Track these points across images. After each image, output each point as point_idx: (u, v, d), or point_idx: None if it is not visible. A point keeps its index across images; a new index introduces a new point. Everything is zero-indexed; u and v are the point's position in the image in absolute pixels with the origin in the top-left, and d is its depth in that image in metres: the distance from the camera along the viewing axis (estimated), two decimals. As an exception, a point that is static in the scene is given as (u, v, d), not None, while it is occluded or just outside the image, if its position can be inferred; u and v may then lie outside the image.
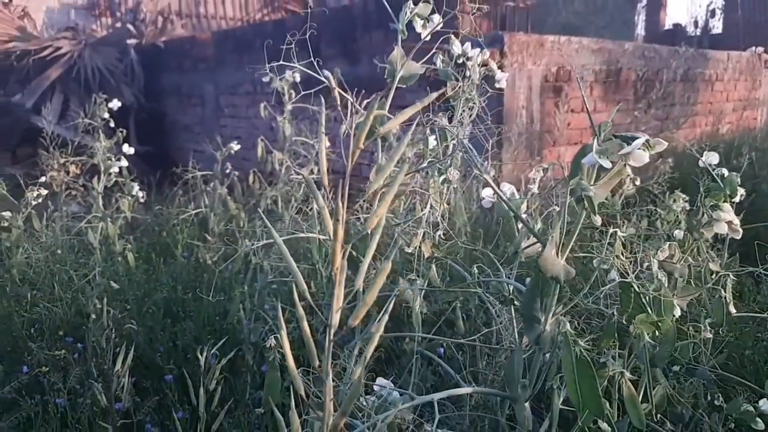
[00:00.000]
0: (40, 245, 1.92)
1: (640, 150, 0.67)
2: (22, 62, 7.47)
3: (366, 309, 0.57)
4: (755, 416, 0.86)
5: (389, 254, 0.61)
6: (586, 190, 0.69)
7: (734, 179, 1.04)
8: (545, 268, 0.69)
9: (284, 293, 1.51)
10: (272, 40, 4.87)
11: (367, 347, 0.59)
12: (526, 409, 0.74)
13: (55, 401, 1.31)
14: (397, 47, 0.89)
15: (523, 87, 4.14)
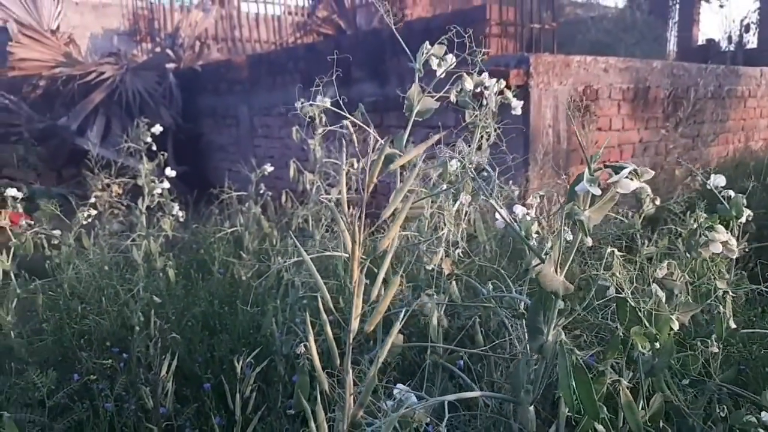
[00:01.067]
0: (88, 262, 2.06)
1: (626, 179, 0.74)
2: (67, 87, 7.85)
3: (380, 316, 0.65)
4: (757, 427, 0.91)
5: (400, 270, 0.70)
6: (578, 215, 0.76)
7: (740, 201, 1.09)
8: (545, 283, 0.77)
9: (314, 307, 1.60)
10: (304, 63, 5.17)
11: (381, 350, 0.67)
12: (530, 412, 0.81)
13: (103, 406, 1.42)
14: (415, 84, 0.97)
15: (549, 106, 4.19)
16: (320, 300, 0.67)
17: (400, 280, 0.78)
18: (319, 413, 0.68)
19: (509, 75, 3.94)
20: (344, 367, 0.66)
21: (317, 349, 0.78)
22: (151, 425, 1.30)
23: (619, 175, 0.72)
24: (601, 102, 4.62)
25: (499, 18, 4.34)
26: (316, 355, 0.67)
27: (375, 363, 0.68)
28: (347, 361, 0.66)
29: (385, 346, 0.68)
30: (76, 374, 1.56)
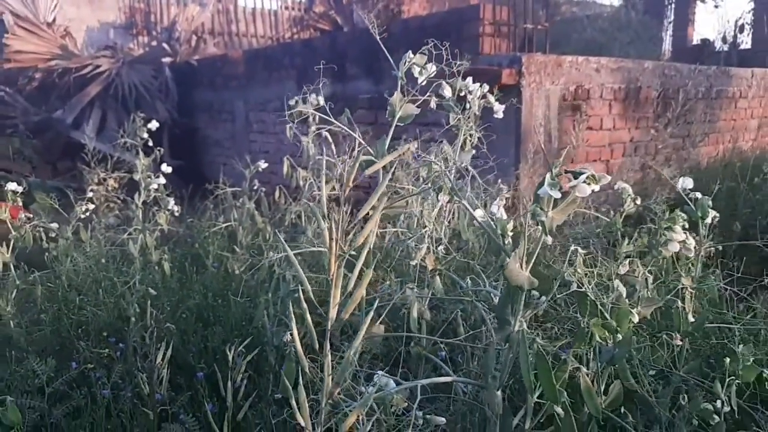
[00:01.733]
0: (85, 254, 2.12)
1: (583, 184, 0.80)
2: (63, 79, 7.86)
3: (354, 305, 0.72)
4: (712, 413, 0.97)
5: (377, 264, 0.76)
6: (540, 216, 0.83)
7: (705, 203, 1.16)
8: (510, 278, 0.83)
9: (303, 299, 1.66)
10: (300, 59, 5.23)
11: (357, 336, 0.73)
12: (497, 396, 0.87)
13: (101, 393, 1.47)
14: (397, 92, 1.03)
15: (541, 106, 4.26)
16: (300, 291, 0.73)
17: (387, 274, 0.85)
18: (300, 394, 0.74)
19: (501, 74, 4.00)
20: (324, 351, 0.73)
21: (306, 338, 0.85)
22: (147, 410, 1.36)
23: (577, 181, 0.78)
24: (592, 102, 4.69)
25: (493, 17, 4.40)
26: (298, 340, 0.74)
27: (351, 346, 0.75)
28: (326, 345, 0.73)
29: (360, 333, 0.75)
30: (74, 363, 1.62)
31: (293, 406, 0.76)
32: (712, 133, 6.14)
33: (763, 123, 7.05)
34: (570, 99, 4.49)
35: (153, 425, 1.36)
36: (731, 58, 11.16)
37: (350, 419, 0.75)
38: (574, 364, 0.86)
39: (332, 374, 0.74)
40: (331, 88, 6.03)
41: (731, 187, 4.06)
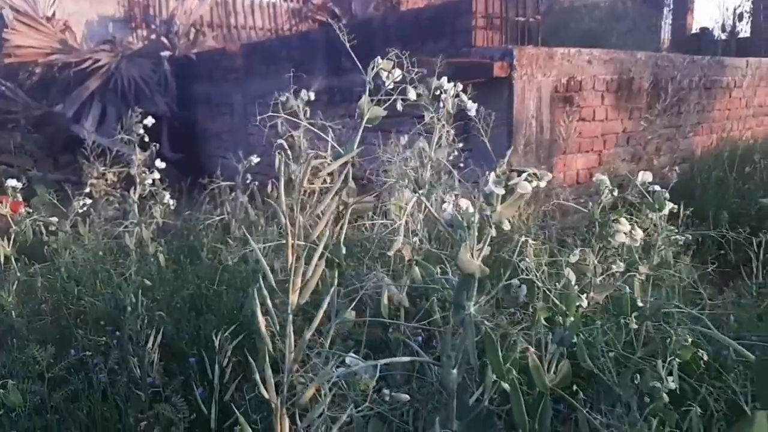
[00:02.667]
0: (83, 247, 2.20)
1: (525, 182, 0.87)
2: (63, 74, 7.93)
3: (309, 291, 0.79)
4: (660, 391, 1.05)
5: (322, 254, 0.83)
6: (485, 211, 0.90)
7: (662, 195, 1.23)
8: (461, 266, 0.90)
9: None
10: (297, 51, 5.30)
11: (315, 317, 0.81)
12: (451, 374, 0.95)
13: (97, 378, 1.56)
14: (365, 95, 1.10)
15: (532, 98, 4.31)
16: (261, 279, 0.81)
17: (373, 264, 0.93)
18: (266, 371, 0.82)
19: (493, 67, 4.06)
20: (286, 332, 0.80)
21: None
22: (140, 392, 1.45)
23: (519, 178, 0.85)
24: (584, 93, 4.74)
25: (485, 10, 4.44)
26: (262, 321, 0.81)
27: (309, 328, 0.82)
28: (289, 327, 0.80)
29: (317, 317, 0.82)
30: (72, 350, 1.70)
31: (258, 381, 0.84)
32: (706, 122, 6.18)
33: (758, 112, 7.09)
34: (562, 91, 4.54)
35: (145, 406, 1.45)
36: (730, 46, 11.17)
37: (308, 392, 0.83)
38: (524, 345, 0.94)
39: (293, 352, 0.82)
40: (327, 81, 6.08)
41: (720, 176, 4.13)
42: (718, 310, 1.59)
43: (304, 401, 0.82)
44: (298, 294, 0.80)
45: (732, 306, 1.82)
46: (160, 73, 7.95)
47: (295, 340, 0.84)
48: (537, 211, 2.62)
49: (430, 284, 1.21)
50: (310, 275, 0.84)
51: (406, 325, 1.21)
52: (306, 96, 2.72)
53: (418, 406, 1.17)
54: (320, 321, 0.95)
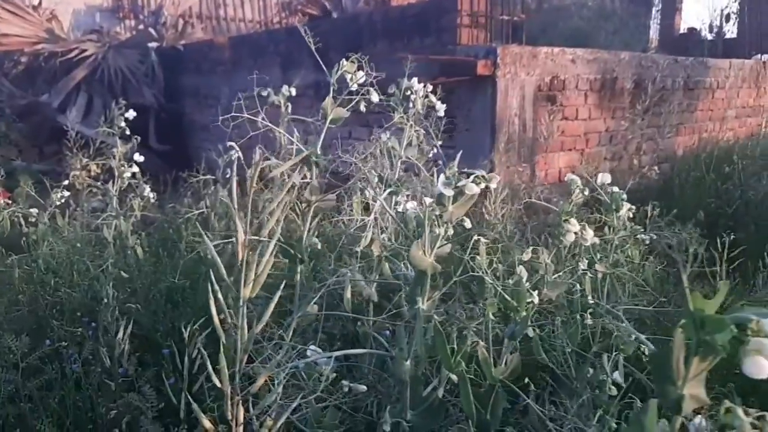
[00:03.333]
0: (62, 239, 2.22)
1: (472, 183, 0.91)
2: (49, 63, 7.87)
3: (258, 285, 0.83)
4: (610, 384, 1.10)
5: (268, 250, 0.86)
6: (436, 211, 0.94)
7: (618, 196, 1.28)
8: (413, 263, 0.94)
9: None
10: (284, 45, 5.33)
11: (265, 311, 0.85)
12: (404, 365, 0.99)
13: (71, 367, 1.59)
14: (329, 98, 1.13)
15: (515, 96, 4.36)
16: (211, 272, 0.85)
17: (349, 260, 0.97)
18: (221, 360, 0.86)
19: (477, 65, 4.10)
20: (239, 323, 0.84)
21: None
22: (110, 381, 1.48)
23: (466, 181, 0.89)
24: (568, 92, 4.79)
25: (470, 8, 4.48)
26: (215, 312, 0.85)
27: (260, 321, 0.86)
28: (241, 319, 0.84)
29: (268, 310, 0.86)
30: (48, 340, 1.73)
31: (209, 370, 0.88)
32: (689, 123, 6.27)
33: (740, 113, 7.19)
34: (545, 89, 4.59)
35: (116, 396, 1.48)
36: (717, 47, 11.28)
37: (259, 381, 0.87)
38: (475, 338, 0.98)
39: (244, 344, 0.86)
40: (315, 75, 6.09)
41: (697, 177, 4.20)
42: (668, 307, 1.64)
43: (255, 390, 0.86)
44: (249, 287, 0.84)
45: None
46: (147, 64, 7.92)
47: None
48: (514, 209, 2.66)
49: (395, 280, 1.25)
50: (260, 270, 0.88)
51: (367, 319, 1.25)
52: (287, 92, 2.74)
53: (381, 398, 1.21)
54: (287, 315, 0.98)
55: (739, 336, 0.49)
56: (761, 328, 0.48)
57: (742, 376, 0.52)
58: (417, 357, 0.97)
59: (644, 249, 2.09)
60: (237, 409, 0.86)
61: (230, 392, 0.85)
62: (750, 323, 0.49)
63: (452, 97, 4.66)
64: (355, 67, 1.28)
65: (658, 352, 0.61)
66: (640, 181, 4.39)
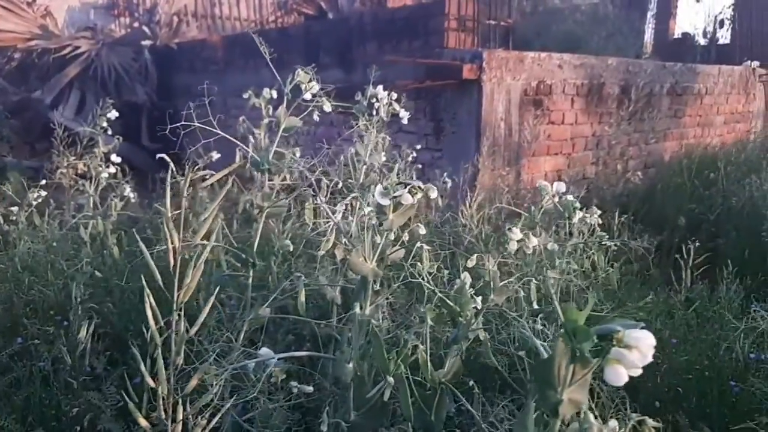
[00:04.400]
0: (41, 237, 2.25)
1: (407, 194, 0.95)
2: (42, 60, 7.89)
3: (190, 291, 0.86)
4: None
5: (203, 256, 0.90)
6: (373, 219, 0.97)
7: (570, 204, 1.31)
8: (354, 269, 0.98)
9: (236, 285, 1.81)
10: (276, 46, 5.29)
11: (201, 314, 0.88)
12: (346, 367, 1.02)
13: (38, 365, 1.62)
14: (282, 107, 1.17)
15: (501, 100, 4.40)
16: (143, 278, 0.88)
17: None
18: (158, 362, 0.89)
19: (462, 69, 4.14)
20: (174, 328, 0.87)
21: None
22: (72, 380, 1.51)
23: (402, 191, 0.93)
24: (554, 97, 4.83)
25: (458, 13, 4.51)
26: (151, 315, 0.88)
27: (196, 323, 0.90)
28: (172, 324, 0.87)
29: (203, 313, 0.90)
30: (19, 338, 1.76)
31: (143, 371, 0.91)
32: (677, 128, 6.32)
33: (728, 119, 7.24)
34: (532, 94, 4.63)
35: (79, 393, 1.51)
36: (710, 52, 11.33)
37: (192, 383, 0.90)
38: (415, 342, 1.02)
39: (178, 348, 0.89)
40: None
41: (678, 182, 4.24)
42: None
43: (188, 390, 0.90)
44: (183, 292, 0.88)
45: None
46: (140, 62, 7.94)
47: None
48: (490, 213, 2.70)
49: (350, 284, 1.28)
50: (191, 276, 0.92)
51: (316, 322, 1.29)
52: (268, 94, 2.76)
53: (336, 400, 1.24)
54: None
55: (605, 345, 0.52)
56: (622, 338, 0.52)
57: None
58: (361, 360, 1.01)
59: (611, 254, 2.13)
60: (174, 409, 0.89)
61: (166, 392, 0.88)
62: (615, 334, 0.52)
63: (439, 100, 4.71)
64: (309, 77, 1.32)
65: (540, 359, 0.64)
66: (625, 186, 4.43)
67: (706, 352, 1.59)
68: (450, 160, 4.51)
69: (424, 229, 1.20)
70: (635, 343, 0.55)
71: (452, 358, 1.00)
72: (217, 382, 0.91)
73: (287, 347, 1.92)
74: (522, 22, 10.68)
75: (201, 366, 0.92)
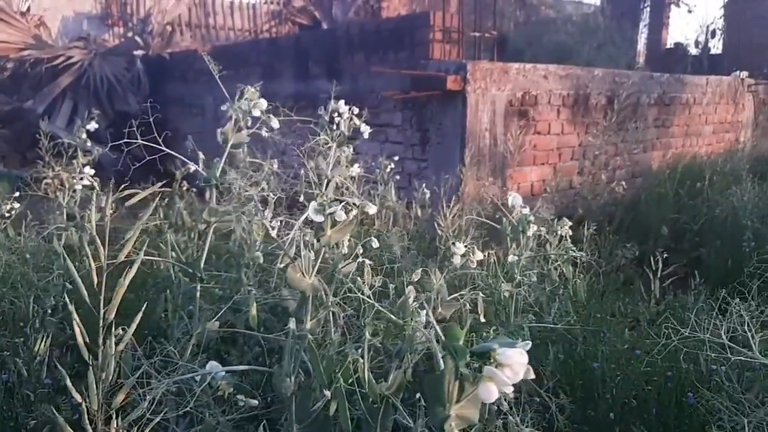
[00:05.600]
0: (15, 249, 2.26)
1: (341, 211, 0.96)
2: (35, 69, 7.92)
3: (114, 308, 0.88)
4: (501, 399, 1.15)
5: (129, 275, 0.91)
6: (308, 237, 0.99)
7: (524, 218, 1.33)
8: (292, 284, 0.99)
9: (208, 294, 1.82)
10: (266, 56, 5.41)
11: (126, 333, 0.90)
12: (285, 380, 1.03)
13: (2, 377, 1.63)
14: (229, 123, 1.19)
15: (486, 111, 4.43)
16: (64, 290, 0.90)
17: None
18: (89, 378, 0.91)
19: (446, 80, 4.17)
20: (102, 344, 0.89)
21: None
22: (29, 392, 1.52)
23: (335, 208, 0.94)
24: (540, 107, 4.87)
25: (443, 24, 4.55)
26: (80, 335, 0.90)
27: (122, 339, 0.91)
28: (102, 340, 0.89)
29: (129, 331, 0.91)
30: (-11, 350, 1.77)
31: (69, 387, 0.92)
32: (665, 137, 6.35)
33: (717, 129, 7.28)
34: (517, 105, 4.66)
35: (37, 406, 1.53)
36: (702, 62, 11.40)
37: (119, 397, 0.92)
38: (355, 356, 1.03)
39: (106, 363, 0.91)
40: (295, 86, 6.16)
41: (661, 192, 4.26)
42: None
43: (116, 405, 0.91)
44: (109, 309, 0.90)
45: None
46: (133, 72, 7.97)
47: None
48: (465, 223, 2.72)
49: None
50: (118, 292, 0.93)
51: (263, 335, 1.30)
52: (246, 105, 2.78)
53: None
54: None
55: (482, 364, 0.54)
56: (496, 357, 0.53)
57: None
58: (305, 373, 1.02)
59: (585, 266, 2.14)
60: (108, 423, 0.90)
61: (84, 407, 0.89)
62: (492, 352, 0.54)
63: (425, 111, 4.74)
64: (257, 94, 1.34)
65: (430, 376, 0.65)
66: (610, 195, 4.46)
67: (666, 363, 1.61)
68: (435, 170, 4.53)
69: (377, 242, 1.22)
70: (507, 361, 0.56)
71: (395, 372, 1.01)
72: (152, 396, 0.92)
73: (255, 359, 1.93)
74: (514, 32, 10.77)
75: (128, 381, 0.94)
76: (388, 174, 2.84)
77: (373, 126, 5.81)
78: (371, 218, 2.81)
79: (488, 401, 0.55)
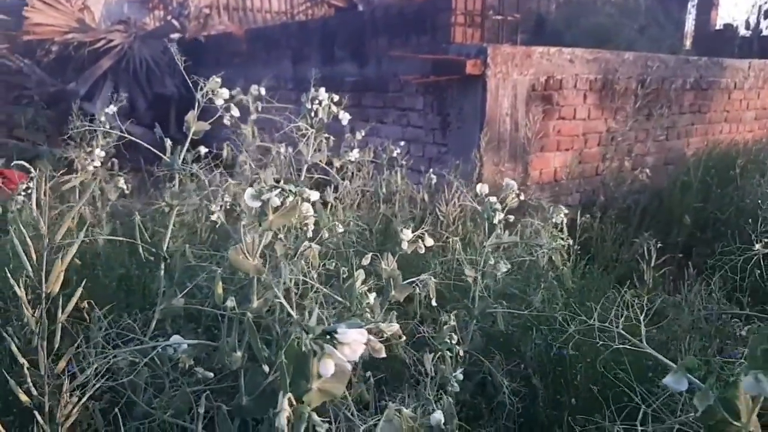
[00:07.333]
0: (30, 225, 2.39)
1: (276, 197, 0.99)
2: (78, 52, 8.20)
3: (58, 283, 0.95)
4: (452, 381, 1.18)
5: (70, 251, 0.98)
6: (256, 222, 1.03)
7: (492, 205, 1.35)
8: (235, 265, 1.04)
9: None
10: (295, 40, 5.49)
11: (68, 304, 0.97)
12: (233, 355, 1.09)
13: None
14: (192, 111, 1.24)
15: (507, 95, 4.38)
16: (8, 272, 0.97)
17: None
18: (36, 343, 0.99)
19: (466, 64, 4.14)
20: (40, 319, 0.97)
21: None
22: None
23: (271, 194, 0.98)
24: (565, 92, 4.78)
25: (465, 8, 4.51)
26: (25, 305, 0.97)
27: (62, 317, 0.98)
28: (41, 312, 0.96)
29: (68, 308, 0.99)
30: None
31: (15, 352, 1.00)
32: (701, 123, 6.14)
33: (761, 114, 6.99)
34: (540, 89, 4.59)
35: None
36: (753, 44, 10.90)
37: (60, 364, 0.99)
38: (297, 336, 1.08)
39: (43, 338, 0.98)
40: (321, 70, 6.21)
41: (685, 181, 4.15)
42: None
43: (59, 371, 0.99)
44: (51, 284, 0.97)
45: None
46: (169, 54, 8.17)
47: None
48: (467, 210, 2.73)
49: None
50: (59, 270, 1.00)
51: (220, 312, 1.37)
52: (256, 91, 2.85)
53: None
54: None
55: (327, 342, 0.58)
56: (336, 336, 0.57)
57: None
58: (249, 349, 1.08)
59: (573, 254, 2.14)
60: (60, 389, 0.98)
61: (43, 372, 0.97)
62: (335, 332, 0.58)
63: (446, 95, 4.72)
64: (218, 84, 1.39)
65: (288, 350, 0.70)
66: (634, 183, 4.35)
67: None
68: (455, 155, 4.52)
69: (342, 227, 1.26)
70: (345, 340, 0.61)
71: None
72: (96, 365, 0.99)
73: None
74: (554, 14, 10.51)
75: (69, 350, 1.01)
76: (393, 158, 2.87)
77: (396, 110, 5.86)
78: (375, 203, 2.85)
79: (325, 375, 0.60)
